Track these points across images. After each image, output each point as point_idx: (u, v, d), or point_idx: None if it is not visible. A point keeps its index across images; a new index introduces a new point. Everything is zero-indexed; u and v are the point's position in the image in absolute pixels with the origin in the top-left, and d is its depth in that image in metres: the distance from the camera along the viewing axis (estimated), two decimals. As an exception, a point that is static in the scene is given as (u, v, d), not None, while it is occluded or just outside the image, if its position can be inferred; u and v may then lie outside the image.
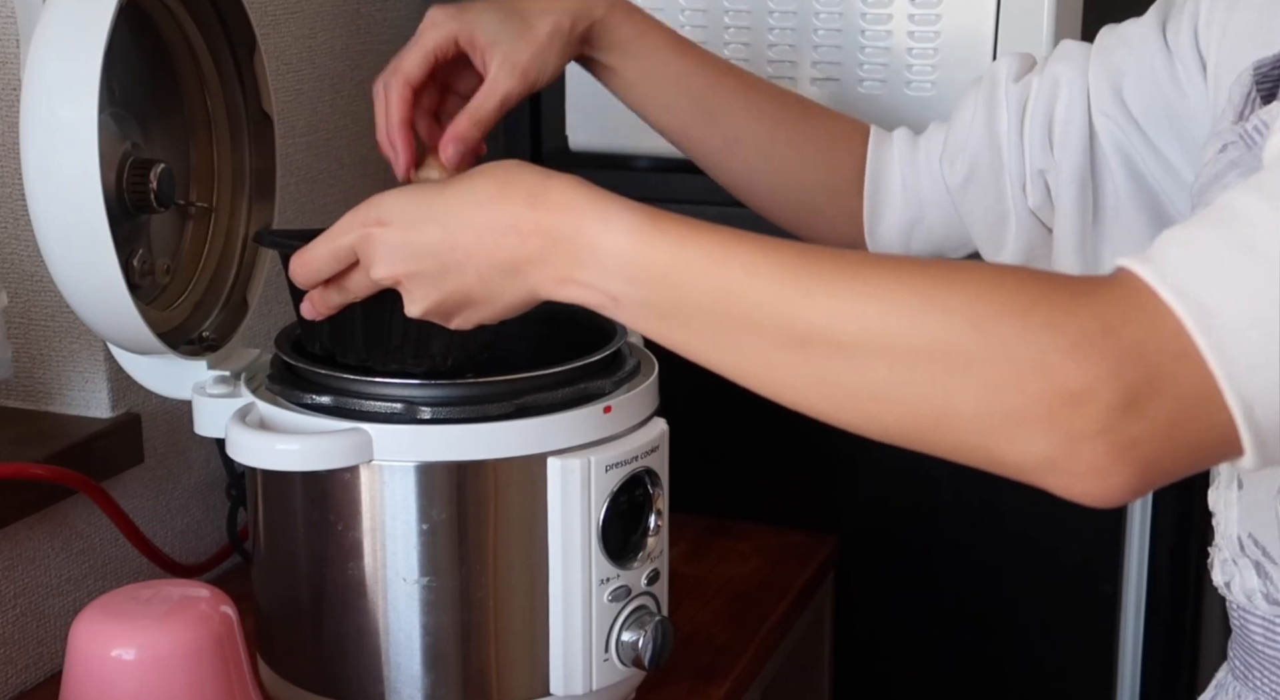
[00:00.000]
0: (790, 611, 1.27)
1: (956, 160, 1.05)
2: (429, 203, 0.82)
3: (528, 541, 0.97)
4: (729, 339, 0.73)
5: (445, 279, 0.81)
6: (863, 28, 1.30)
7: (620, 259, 0.75)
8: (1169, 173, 0.97)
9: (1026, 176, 1.02)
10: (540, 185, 0.78)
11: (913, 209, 1.08)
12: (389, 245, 0.83)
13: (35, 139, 0.91)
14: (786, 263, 0.71)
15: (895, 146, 1.09)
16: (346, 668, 1.00)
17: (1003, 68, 1.04)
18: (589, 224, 0.76)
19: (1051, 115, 1.01)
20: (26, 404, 1.16)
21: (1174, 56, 0.96)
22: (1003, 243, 1.06)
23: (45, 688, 1.11)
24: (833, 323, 0.68)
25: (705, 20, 1.35)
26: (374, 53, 1.47)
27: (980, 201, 1.05)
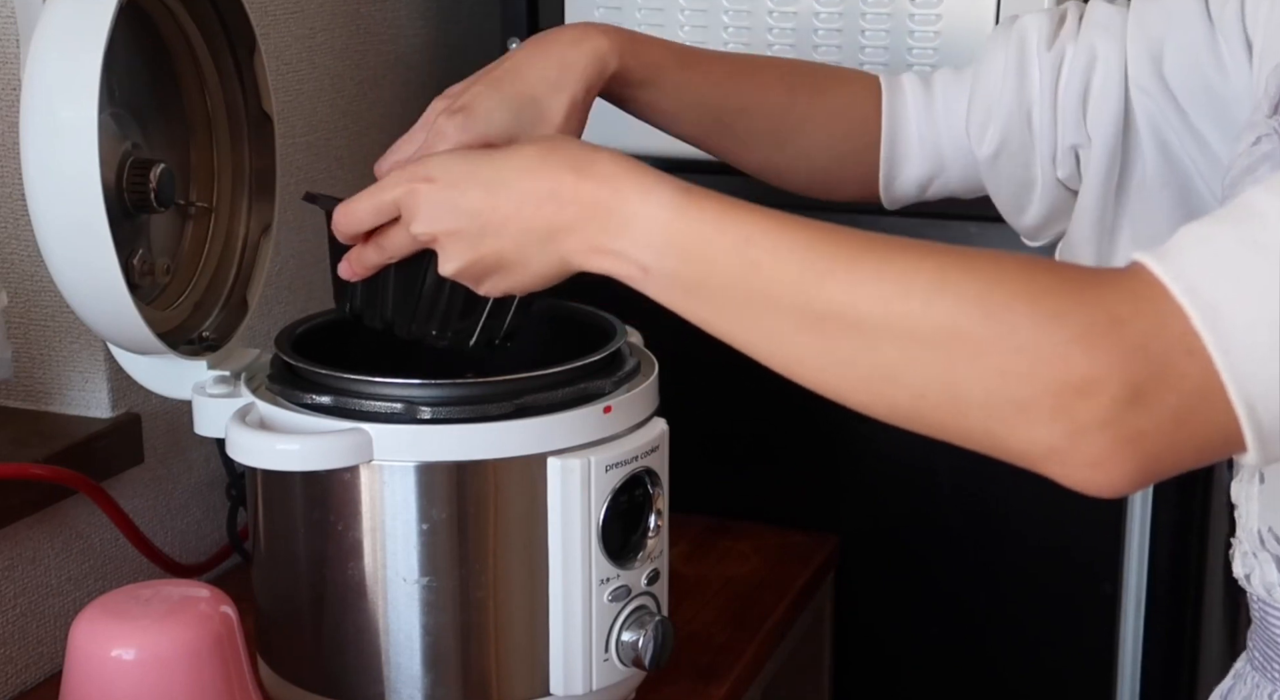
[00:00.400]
0: (790, 611, 1.27)
1: (986, 132, 1.04)
2: (476, 165, 0.84)
3: (528, 541, 0.97)
4: (752, 316, 0.74)
5: (482, 240, 0.83)
6: (863, 27, 1.30)
7: (654, 231, 0.76)
8: (1204, 152, 0.96)
9: (1058, 150, 1.01)
10: (585, 156, 0.80)
11: (931, 164, 1.08)
12: (432, 202, 0.84)
13: (35, 139, 0.91)
14: (810, 242, 0.72)
15: (909, 100, 1.08)
16: (346, 668, 1.00)
17: (1032, 30, 1.02)
18: (628, 195, 0.78)
19: (1087, 88, 0.99)
20: (26, 404, 1.16)
21: (1217, 33, 0.94)
22: (1025, 207, 1.05)
23: (45, 688, 1.11)
24: (849, 302, 0.70)
25: (705, 20, 1.35)
26: (374, 53, 1.47)
27: (1007, 170, 1.04)
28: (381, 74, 1.48)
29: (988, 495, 1.35)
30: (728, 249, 0.74)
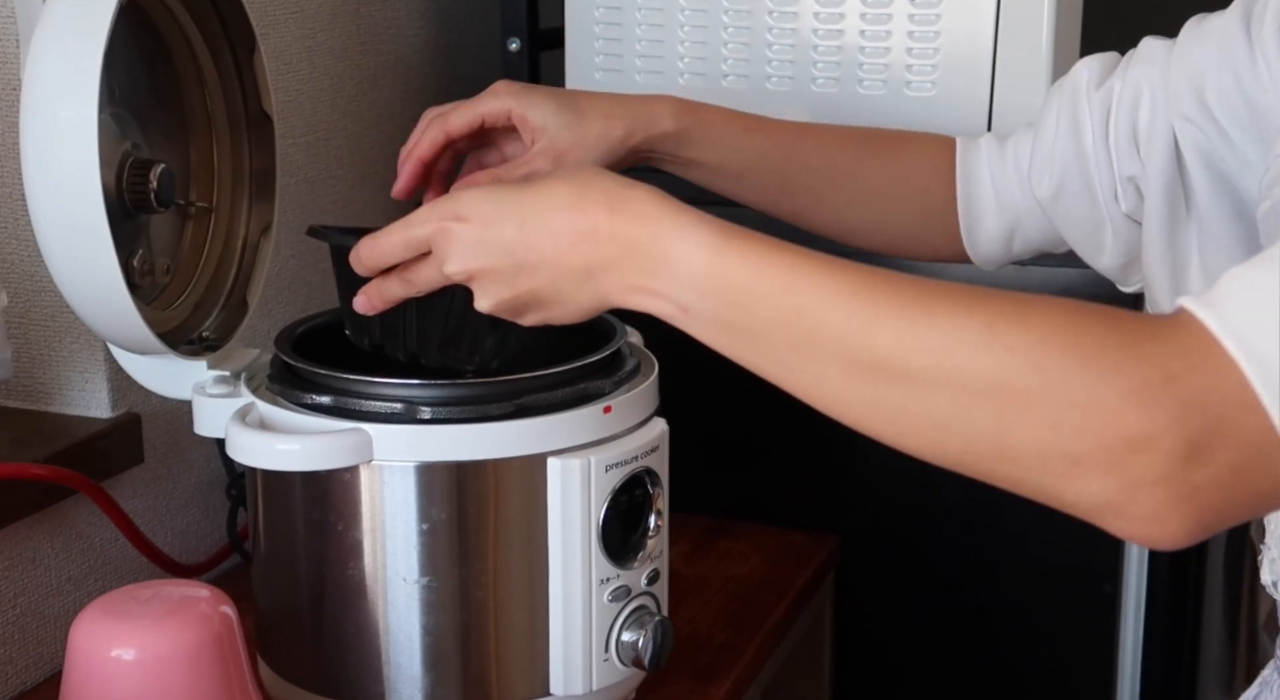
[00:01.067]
0: (790, 611, 1.27)
1: (1044, 174, 1.05)
2: (507, 202, 0.83)
3: (528, 541, 0.97)
4: (797, 359, 0.73)
5: (518, 278, 0.83)
6: (863, 28, 1.30)
7: (694, 272, 0.76)
8: (1251, 174, 0.96)
9: (1117, 184, 1.02)
10: (619, 194, 0.80)
11: (1008, 218, 1.08)
12: (465, 241, 0.84)
13: (35, 139, 0.91)
14: (856, 288, 0.71)
15: (984, 156, 1.09)
16: (346, 668, 1.00)
17: (1084, 73, 1.03)
18: (665, 234, 0.77)
19: (1136, 121, 1.00)
20: (26, 404, 1.16)
21: (1256, 50, 0.94)
22: (1101, 247, 1.05)
23: (45, 688, 1.11)
24: (899, 352, 0.69)
25: (705, 20, 1.35)
26: (374, 53, 1.47)
27: (1074, 211, 1.05)
28: (381, 74, 1.48)
29: (988, 495, 1.33)
30: (769, 293, 0.74)
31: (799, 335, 0.73)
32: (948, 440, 0.69)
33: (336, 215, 1.42)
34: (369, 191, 1.48)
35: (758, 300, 0.74)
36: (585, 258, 0.80)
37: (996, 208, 1.08)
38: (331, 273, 0.99)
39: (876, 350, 0.70)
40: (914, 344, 0.69)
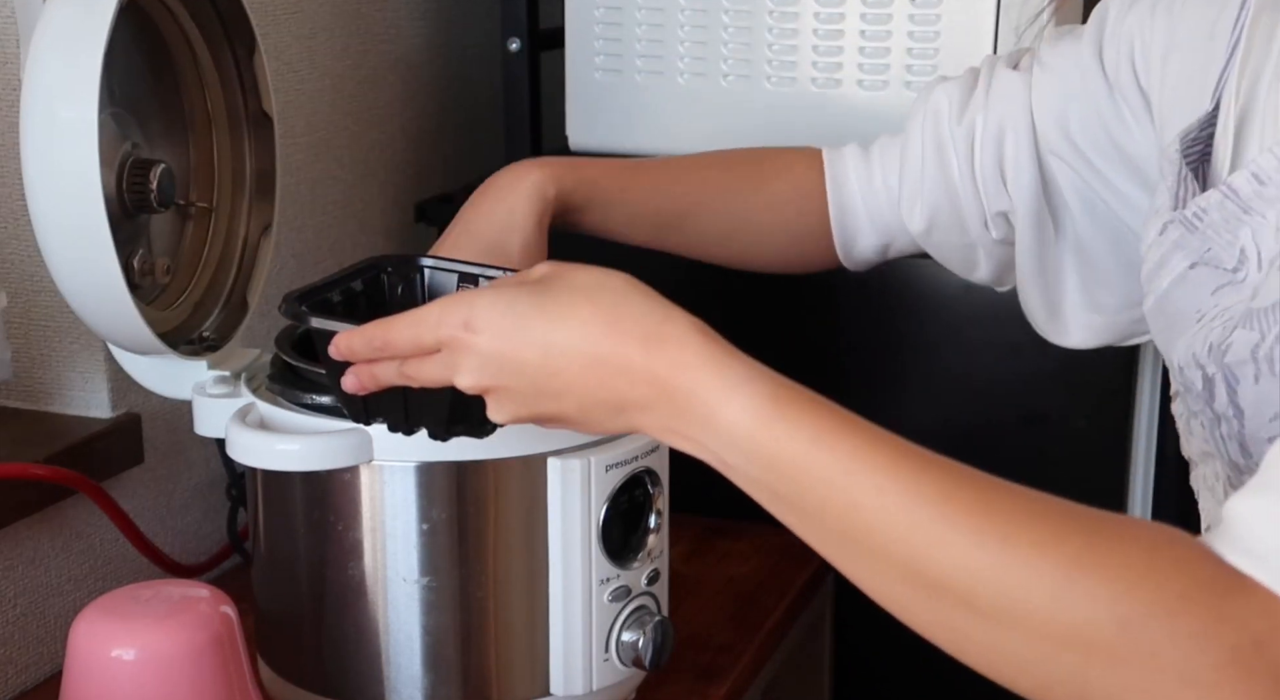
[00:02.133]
0: (790, 611, 1.27)
1: (914, 208, 1.06)
2: (528, 322, 0.74)
3: (528, 541, 0.97)
4: (851, 551, 0.69)
5: (539, 402, 0.76)
6: (863, 28, 1.30)
7: (737, 437, 0.70)
8: (1128, 206, 0.97)
9: (987, 217, 1.03)
10: (655, 329, 0.72)
11: (881, 235, 1.10)
12: (481, 356, 0.75)
13: (35, 139, 0.91)
14: (923, 494, 0.66)
15: (851, 174, 1.09)
16: (346, 668, 1.00)
17: (944, 102, 1.04)
18: (708, 391, 0.70)
19: (1000, 158, 1.01)
20: (26, 404, 1.16)
21: (1114, 91, 0.95)
22: (974, 266, 1.07)
23: (45, 688, 1.11)
24: (965, 580, 0.64)
25: (705, 20, 1.35)
26: (374, 53, 1.47)
27: (947, 240, 1.06)
28: (381, 74, 1.48)
29: (988, 495, 1.34)
30: (824, 480, 0.68)
31: (854, 530, 0.67)
32: (1018, 677, 0.65)
33: (337, 215, 1.42)
34: (369, 191, 1.48)
35: (810, 483, 0.68)
36: (617, 394, 0.73)
37: (870, 226, 1.09)
38: (332, 269, 0.98)
39: (941, 570, 0.64)
40: (984, 574, 0.64)
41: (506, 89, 1.47)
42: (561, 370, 0.74)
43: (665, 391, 0.72)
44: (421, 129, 1.57)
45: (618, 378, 0.73)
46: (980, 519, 0.64)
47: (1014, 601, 0.63)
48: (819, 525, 0.69)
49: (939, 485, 0.66)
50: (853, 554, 0.69)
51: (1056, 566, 0.63)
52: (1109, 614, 0.61)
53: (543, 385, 0.75)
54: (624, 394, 0.73)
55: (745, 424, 0.70)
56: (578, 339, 0.74)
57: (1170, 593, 0.61)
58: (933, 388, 1.31)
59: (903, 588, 0.67)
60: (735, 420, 0.70)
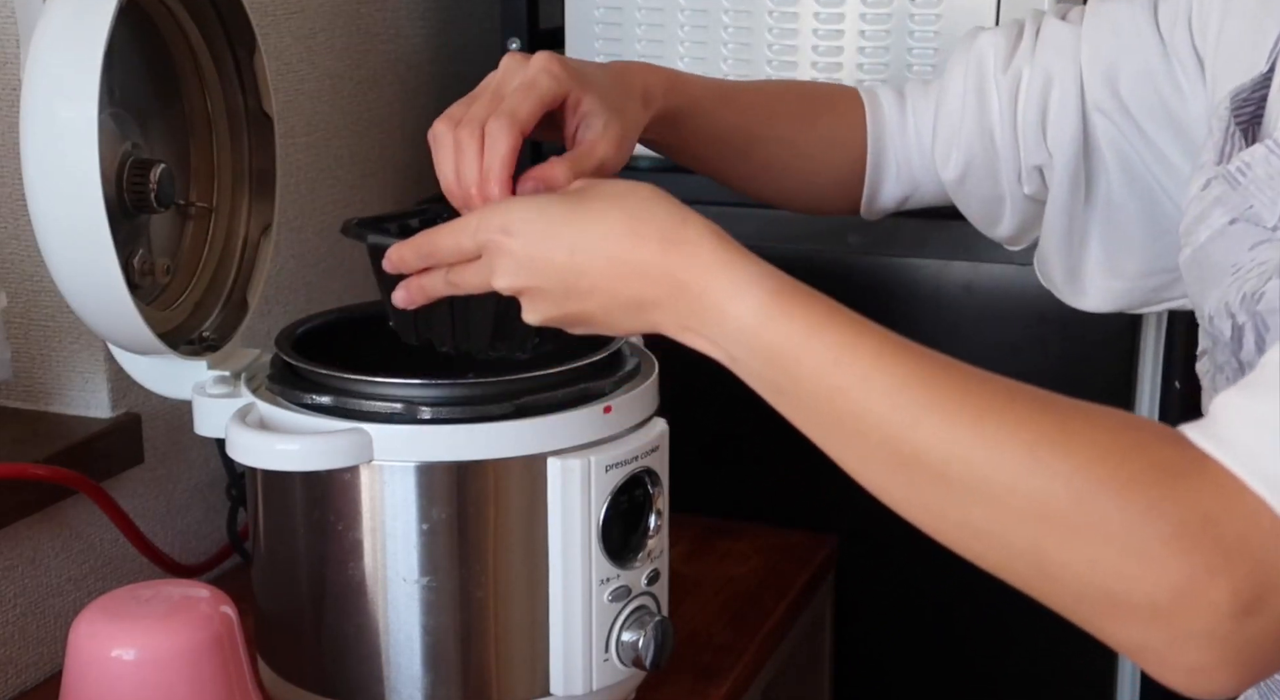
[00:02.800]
0: (790, 611, 1.27)
1: (950, 156, 1.05)
2: (558, 225, 0.80)
3: (528, 541, 0.97)
4: (838, 436, 0.73)
5: (567, 301, 0.81)
6: (862, 29, 1.30)
7: (742, 330, 0.75)
8: (1168, 169, 0.97)
9: (1022, 168, 1.02)
10: (674, 230, 0.77)
11: (905, 184, 1.09)
12: (515, 258, 0.81)
13: (35, 139, 0.91)
14: (904, 377, 0.70)
15: (888, 121, 1.08)
16: (346, 668, 1.00)
17: (989, 50, 1.02)
18: (717, 287, 0.75)
19: (1045, 110, 0.99)
20: (26, 404, 1.16)
21: (1169, 51, 0.94)
22: (997, 221, 1.06)
23: (45, 688, 1.11)
24: (939, 455, 0.68)
25: (705, 20, 1.35)
26: (374, 53, 1.47)
27: (976, 192, 1.05)
28: (381, 74, 1.48)
29: (988, 495, 1.34)
30: (815, 368, 0.72)
31: (841, 415, 0.71)
32: (986, 550, 0.68)
33: (337, 215, 1.42)
34: (369, 191, 1.48)
35: (803, 372, 0.72)
36: (636, 292, 0.78)
37: (897, 174, 1.08)
38: (332, 269, 0.98)
39: (917, 447, 0.68)
40: (956, 451, 0.67)
41: (506, 89, 1.47)
42: (587, 270, 0.79)
43: (680, 289, 0.77)
44: (421, 129, 1.56)
45: (638, 277, 0.78)
46: (957, 401, 0.68)
47: (982, 476, 0.66)
48: (812, 412, 0.74)
49: (919, 371, 0.70)
50: (840, 438, 0.73)
51: (1023, 443, 0.65)
52: (1066, 488, 0.64)
53: (570, 285, 0.80)
54: (643, 293, 0.78)
55: (748, 318, 0.74)
56: (602, 240, 0.79)
57: (1126, 470, 0.63)
58: (933, 388, 1.31)
59: (883, 467, 0.71)
60: (741, 315, 0.74)
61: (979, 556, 0.69)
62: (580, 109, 0.93)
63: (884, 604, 1.41)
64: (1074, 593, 0.65)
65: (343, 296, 1.42)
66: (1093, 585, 0.64)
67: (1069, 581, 0.65)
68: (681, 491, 1.08)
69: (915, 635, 1.41)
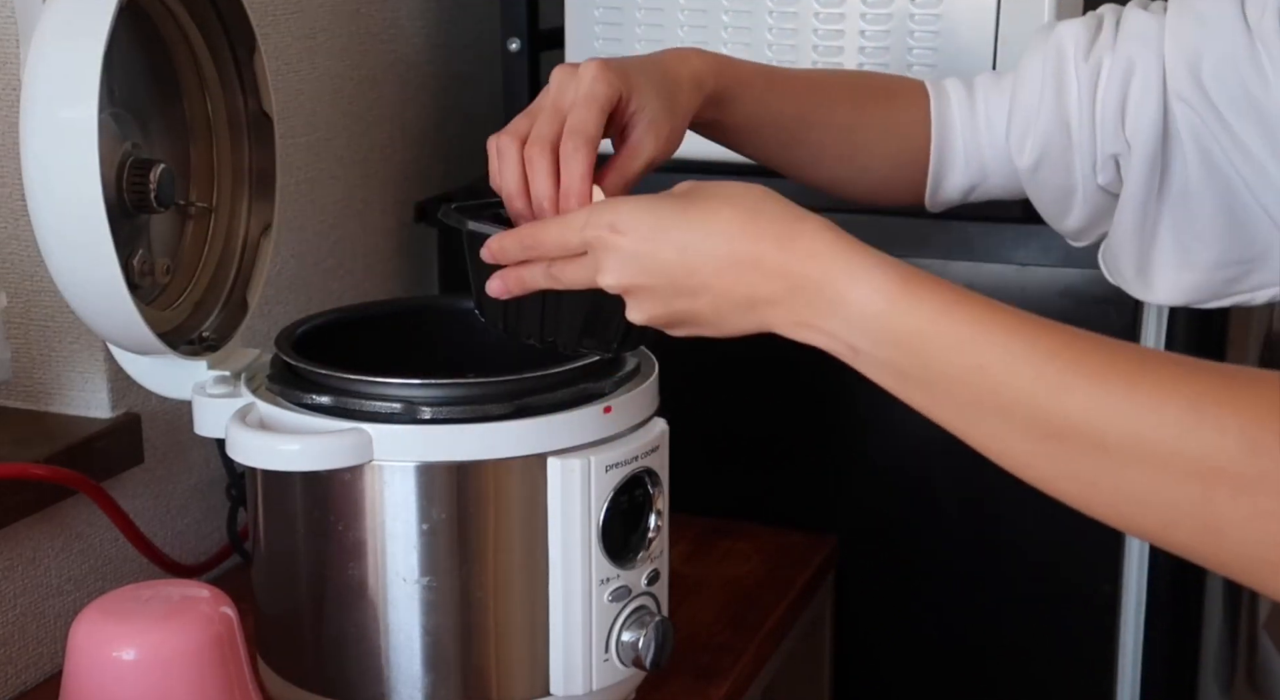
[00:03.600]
0: (790, 611, 1.27)
1: (1025, 142, 1.04)
2: (669, 222, 0.80)
3: (528, 541, 0.97)
4: (976, 416, 0.71)
5: (676, 299, 0.81)
6: (863, 28, 1.30)
7: (867, 317, 0.74)
8: (1248, 160, 0.95)
9: (1098, 158, 1.01)
10: (790, 227, 0.77)
11: (974, 173, 1.08)
12: (623, 255, 0.81)
13: (35, 139, 0.91)
14: (1046, 348, 0.69)
15: (954, 110, 1.07)
16: (346, 668, 1.00)
17: (1069, 39, 1.01)
18: (838, 276, 0.75)
19: (1125, 98, 0.98)
20: (26, 404, 1.16)
21: (1256, 40, 0.93)
22: (1067, 212, 1.05)
23: (45, 688, 1.11)
24: (1093, 421, 0.67)
25: (705, 20, 1.35)
26: (374, 53, 1.47)
27: (1050, 179, 1.04)
28: (381, 74, 1.48)
29: (987, 495, 1.35)
30: (950, 348, 0.71)
31: (981, 393, 0.70)
32: (1145, 515, 0.67)
33: (337, 215, 1.42)
34: (369, 191, 1.48)
35: (936, 353, 0.72)
36: (750, 289, 0.78)
37: (964, 162, 1.08)
38: (332, 269, 0.98)
39: (1069, 416, 0.67)
40: (1112, 414, 0.66)
41: (506, 89, 1.48)
42: (698, 268, 0.79)
43: (797, 283, 0.76)
44: (421, 129, 1.57)
45: (751, 274, 0.78)
46: (1105, 366, 0.67)
47: (1142, 438, 0.65)
48: (945, 395, 0.72)
49: (1061, 341, 0.69)
50: (979, 417, 0.71)
51: (1186, 399, 0.65)
52: (1238, 440, 0.63)
53: (680, 283, 0.80)
54: (756, 289, 0.78)
55: (874, 305, 0.74)
56: (715, 239, 0.79)
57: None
58: (933, 388, 1.31)
59: (1030, 443, 0.70)
60: (865, 300, 0.74)
61: (1136, 524, 0.68)
62: (630, 108, 0.95)
63: (884, 604, 1.41)
64: (1244, 549, 0.64)
65: (343, 296, 1.42)
66: (1266, 538, 0.63)
67: (1239, 537, 0.64)
68: (681, 491, 1.08)
69: (915, 635, 1.41)
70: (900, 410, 0.77)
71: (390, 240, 1.51)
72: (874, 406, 1.38)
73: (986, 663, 1.39)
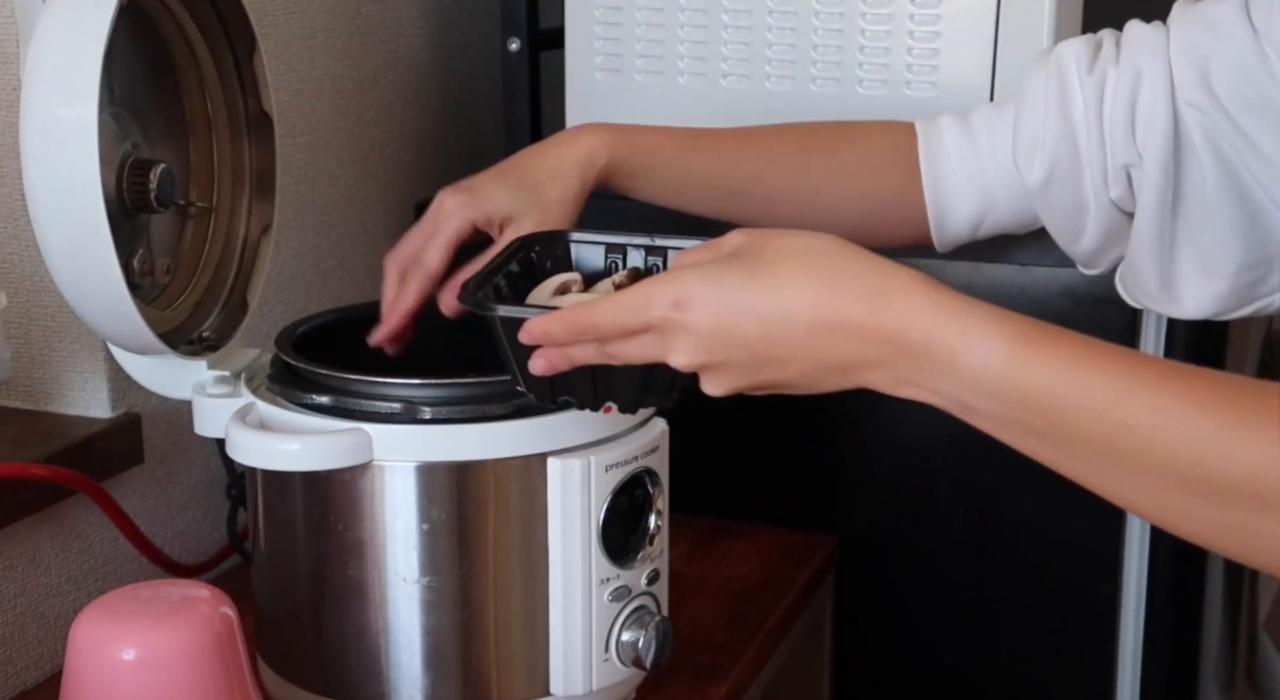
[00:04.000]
0: (790, 611, 1.27)
1: (1034, 159, 1.02)
2: (742, 294, 0.75)
3: (528, 541, 0.97)
4: (1120, 473, 0.69)
5: (761, 371, 0.76)
6: (863, 28, 1.30)
7: (986, 378, 0.70)
8: (1261, 160, 0.94)
9: (1108, 170, 1.00)
10: (879, 285, 0.73)
11: (979, 201, 1.06)
12: (696, 335, 0.76)
13: (35, 139, 0.91)
14: (1198, 402, 0.66)
15: (947, 139, 1.07)
16: (346, 668, 1.00)
17: (1070, 57, 1.01)
18: (946, 336, 0.71)
19: (1133, 108, 0.97)
20: (26, 404, 1.16)
21: (1262, 39, 0.93)
22: (1080, 233, 1.04)
23: (45, 688, 1.11)
24: (1256, 477, 0.64)
25: (705, 20, 1.35)
26: (374, 53, 1.47)
27: (1060, 197, 1.03)
28: (381, 74, 1.48)
29: (988, 495, 1.35)
30: (1090, 406, 0.68)
31: (1124, 453, 0.67)
32: None
33: (336, 215, 1.42)
34: (369, 191, 1.48)
35: (1071, 413, 0.68)
36: (844, 355, 0.73)
37: (968, 191, 1.06)
38: (332, 269, 0.98)
39: (1226, 475, 0.64)
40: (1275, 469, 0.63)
41: (506, 89, 1.48)
42: (785, 340, 0.74)
43: (899, 347, 0.72)
44: (421, 129, 1.57)
45: (846, 340, 0.73)
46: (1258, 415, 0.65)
47: None
48: (1083, 452, 0.69)
49: (1209, 391, 0.66)
50: (1123, 475, 0.68)
51: None
52: None
53: (765, 355, 0.75)
54: (852, 354, 0.73)
55: (995, 366, 0.70)
56: (798, 305, 0.74)
57: None
58: (933, 388, 1.31)
59: (1185, 499, 0.67)
60: (983, 363, 0.70)
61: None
62: (493, 221, 1.03)
63: (884, 604, 1.41)
64: None
65: (343, 296, 1.42)
66: None
67: None
68: (681, 491, 1.08)
69: (915, 635, 1.41)
70: (901, 411, 0.76)
71: (390, 240, 1.50)
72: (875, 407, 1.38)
73: (986, 663, 1.39)
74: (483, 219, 1.03)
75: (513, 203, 1.03)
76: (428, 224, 1.04)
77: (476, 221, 1.03)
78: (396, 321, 1.04)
